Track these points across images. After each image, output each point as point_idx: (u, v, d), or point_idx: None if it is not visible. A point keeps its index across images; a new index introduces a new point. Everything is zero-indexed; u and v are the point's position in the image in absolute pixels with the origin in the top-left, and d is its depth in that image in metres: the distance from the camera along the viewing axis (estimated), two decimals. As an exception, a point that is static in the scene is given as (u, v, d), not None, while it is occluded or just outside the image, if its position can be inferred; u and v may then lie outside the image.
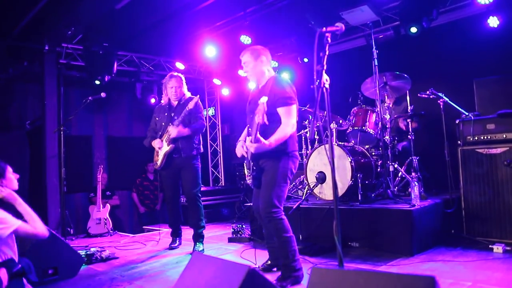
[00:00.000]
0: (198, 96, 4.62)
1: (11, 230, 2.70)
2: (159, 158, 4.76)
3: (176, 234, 5.07)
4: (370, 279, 1.69)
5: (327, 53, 2.46)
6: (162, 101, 4.96)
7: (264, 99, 2.94)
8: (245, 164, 3.63)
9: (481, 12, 5.33)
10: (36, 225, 2.79)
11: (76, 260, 3.99)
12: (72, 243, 5.41)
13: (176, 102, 4.84)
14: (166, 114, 4.84)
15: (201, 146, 4.89)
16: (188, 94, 4.88)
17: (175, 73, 4.91)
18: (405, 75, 5.07)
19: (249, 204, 5.54)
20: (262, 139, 3.02)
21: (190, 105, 4.50)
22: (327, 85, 2.43)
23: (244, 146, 3.41)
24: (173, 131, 4.56)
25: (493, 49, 5.26)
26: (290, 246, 3.23)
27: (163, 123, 4.82)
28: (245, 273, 1.93)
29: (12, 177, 3.04)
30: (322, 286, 1.81)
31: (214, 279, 2.14)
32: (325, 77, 2.43)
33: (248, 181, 3.60)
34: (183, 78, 4.90)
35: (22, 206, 2.85)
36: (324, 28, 2.51)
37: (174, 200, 4.95)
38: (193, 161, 4.75)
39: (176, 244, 4.98)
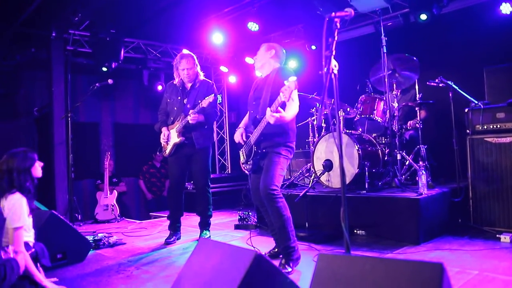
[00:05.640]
0: (213, 95, 4.26)
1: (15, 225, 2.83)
2: (168, 147, 4.63)
3: (174, 228, 4.73)
4: (377, 265, 1.68)
5: (336, 38, 2.42)
6: (175, 81, 4.69)
7: (293, 79, 3.08)
8: (242, 151, 3.70)
9: (493, -2, 5.23)
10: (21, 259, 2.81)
11: (84, 245, 4.04)
12: (80, 228, 5.45)
13: (190, 85, 4.63)
14: (179, 98, 4.61)
15: (213, 135, 4.78)
16: (201, 74, 4.65)
17: (186, 52, 4.66)
18: (414, 58, 5.00)
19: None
20: (282, 111, 3.20)
21: (204, 104, 4.22)
22: (335, 71, 2.40)
23: (244, 134, 3.65)
24: (191, 118, 4.31)
25: (505, 36, 5.18)
26: (290, 226, 3.36)
27: (175, 108, 4.62)
28: (252, 258, 1.94)
29: (37, 165, 3.13)
30: (329, 272, 1.81)
31: (221, 264, 2.15)
32: (333, 63, 2.39)
33: (244, 167, 3.71)
34: (194, 57, 4.61)
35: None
36: (333, 13, 2.48)
37: (177, 188, 4.73)
38: (206, 150, 4.64)
39: (172, 239, 4.60)
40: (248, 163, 3.60)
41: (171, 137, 4.62)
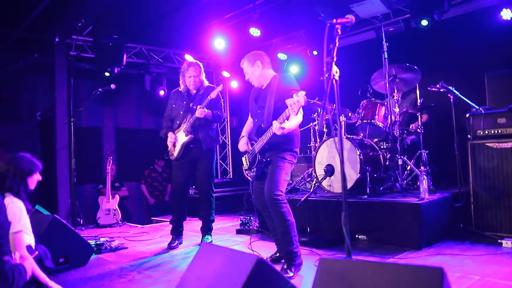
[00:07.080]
0: (222, 85, 4.51)
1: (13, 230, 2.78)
2: (176, 149, 4.61)
3: (176, 233, 4.73)
4: (378, 270, 1.69)
5: (337, 44, 2.44)
6: (181, 88, 4.74)
7: (302, 93, 3.05)
8: (245, 158, 3.71)
9: (494, 4, 5.25)
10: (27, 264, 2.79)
11: (86, 250, 4.05)
12: (82, 233, 5.48)
13: (195, 91, 4.69)
14: (184, 102, 4.66)
15: (219, 138, 4.84)
16: (206, 82, 4.74)
17: (193, 60, 4.75)
18: (415, 67, 5.03)
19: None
20: (287, 122, 3.22)
21: (213, 95, 4.35)
22: (336, 77, 2.42)
23: (249, 143, 3.63)
24: (199, 112, 4.34)
25: (506, 42, 5.19)
26: (293, 231, 3.36)
27: (181, 112, 4.65)
28: (253, 262, 1.94)
29: (35, 179, 3.08)
30: (330, 277, 1.81)
31: (223, 269, 2.16)
32: (335, 68, 2.41)
33: (247, 173, 3.72)
34: (201, 66, 4.70)
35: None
36: (334, 20, 2.49)
37: (182, 192, 4.72)
38: (211, 153, 4.67)
39: (175, 244, 4.63)
40: (252, 170, 3.61)
41: (178, 138, 4.63)
